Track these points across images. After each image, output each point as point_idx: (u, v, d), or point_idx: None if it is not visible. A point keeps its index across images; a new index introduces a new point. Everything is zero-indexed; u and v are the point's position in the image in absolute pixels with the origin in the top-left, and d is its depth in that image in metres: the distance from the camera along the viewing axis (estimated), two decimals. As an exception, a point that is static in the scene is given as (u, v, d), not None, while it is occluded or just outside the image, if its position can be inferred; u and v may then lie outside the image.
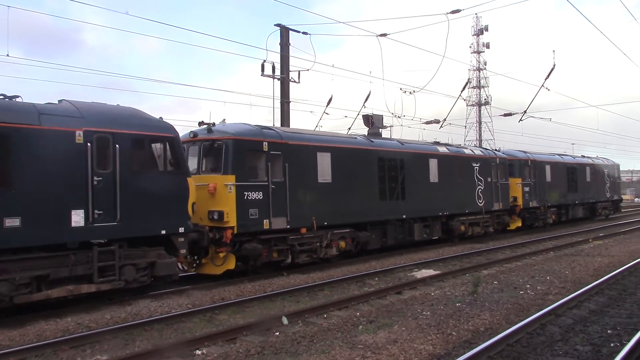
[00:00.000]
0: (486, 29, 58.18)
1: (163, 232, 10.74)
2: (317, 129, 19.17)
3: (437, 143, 20.71)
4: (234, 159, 12.68)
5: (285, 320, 8.74)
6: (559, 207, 28.08)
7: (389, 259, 16.08)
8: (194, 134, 13.29)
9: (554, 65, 22.76)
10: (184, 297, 10.67)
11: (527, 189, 24.80)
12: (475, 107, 58.70)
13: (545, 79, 23.12)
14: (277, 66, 18.88)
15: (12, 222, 8.72)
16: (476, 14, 56.63)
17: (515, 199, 24.01)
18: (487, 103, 58.46)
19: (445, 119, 24.74)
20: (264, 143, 13.31)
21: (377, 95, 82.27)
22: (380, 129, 19.49)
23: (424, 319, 8.55)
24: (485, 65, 58.96)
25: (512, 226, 24.50)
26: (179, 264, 11.96)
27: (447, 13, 17.72)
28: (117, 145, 10.03)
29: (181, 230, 11.00)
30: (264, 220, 12.98)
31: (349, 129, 22.36)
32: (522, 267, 14.24)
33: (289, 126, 18.32)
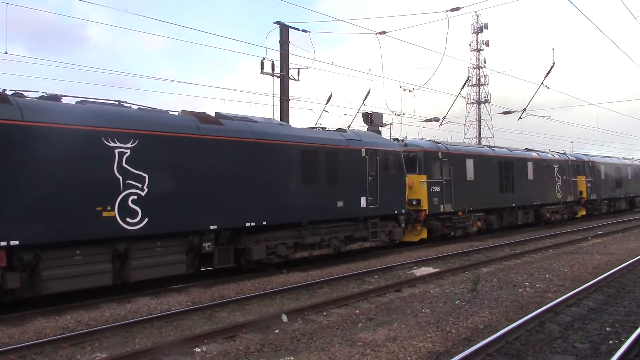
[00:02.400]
0: (486, 26, 57.99)
1: (395, 212, 16.41)
2: (316, 127, 19.23)
3: (529, 150, 26.83)
4: (425, 164, 18.62)
5: (284, 318, 8.76)
6: (609, 200, 34.28)
7: (388, 256, 16.12)
8: None
9: (554, 63, 22.69)
10: (183, 295, 10.68)
11: (589, 184, 30.66)
12: (474, 105, 58.63)
13: (545, 77, 23.06)
14: (277, 64, 18.81)
15: (340, 203, 14.38)
16: (476, 11, 56.68)
17: (581, 192, 29.93)
18: (486, 101, 58.36)
19: (444, 117, 24.78)
20: (439, 153, 19.27)
21: (376, 93, 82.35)
22: (379, 127, 19.54)
23: (423, 317, 8.57)
24: (485, 63, 58.87)
25: (579, 214, 30.38)
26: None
27: (447, 11, 17.57)
28: (377, 157, 15.66)
29: (403, 211, 16.73)
30: (440, 206, 18.82)
31: (349, 126, 22.26)
32: (521, 265, 14.26)
33: (288, 124, 18.51)
